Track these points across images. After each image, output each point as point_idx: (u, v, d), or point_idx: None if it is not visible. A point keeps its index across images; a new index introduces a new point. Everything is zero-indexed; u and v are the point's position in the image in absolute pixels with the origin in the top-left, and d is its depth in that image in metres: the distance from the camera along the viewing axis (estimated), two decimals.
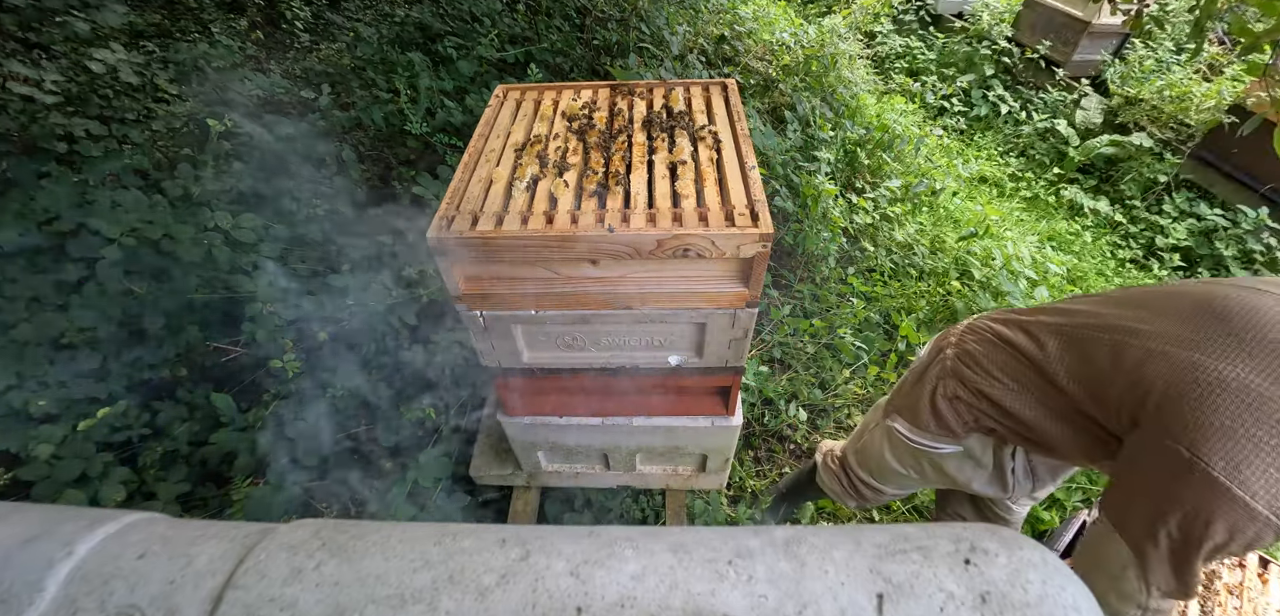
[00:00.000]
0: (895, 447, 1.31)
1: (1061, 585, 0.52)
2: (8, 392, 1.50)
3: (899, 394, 1.33)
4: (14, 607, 0.51)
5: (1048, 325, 1.03)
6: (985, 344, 1.13)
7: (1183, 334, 0.81)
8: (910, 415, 1.24)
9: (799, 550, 0.57)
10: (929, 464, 1.26)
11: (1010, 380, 1.06)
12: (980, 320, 1.19)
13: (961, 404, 1.15)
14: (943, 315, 2.71)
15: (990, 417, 1.12)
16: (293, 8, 2.90)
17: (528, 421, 1.50)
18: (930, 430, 1.20)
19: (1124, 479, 0.89)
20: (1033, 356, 1.02)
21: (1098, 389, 0.91)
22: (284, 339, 1.83)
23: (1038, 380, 1.02)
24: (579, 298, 1.14)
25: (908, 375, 1.33)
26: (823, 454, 1.69)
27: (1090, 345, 0.93)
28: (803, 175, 2.91)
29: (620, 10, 3.40)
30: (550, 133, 1.30)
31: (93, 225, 1.64)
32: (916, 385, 1.25)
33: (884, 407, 1.38)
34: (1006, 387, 1.06)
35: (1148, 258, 3.71)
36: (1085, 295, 1.10)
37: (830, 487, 1.65)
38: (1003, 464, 1.19)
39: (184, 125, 2.19)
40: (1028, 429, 1.06)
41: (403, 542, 0.59)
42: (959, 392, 1.15)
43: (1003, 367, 1.07)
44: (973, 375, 1.12)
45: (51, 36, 2.08)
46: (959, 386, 1.15)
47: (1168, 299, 0.88)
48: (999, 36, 5.23)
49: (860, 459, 1.48)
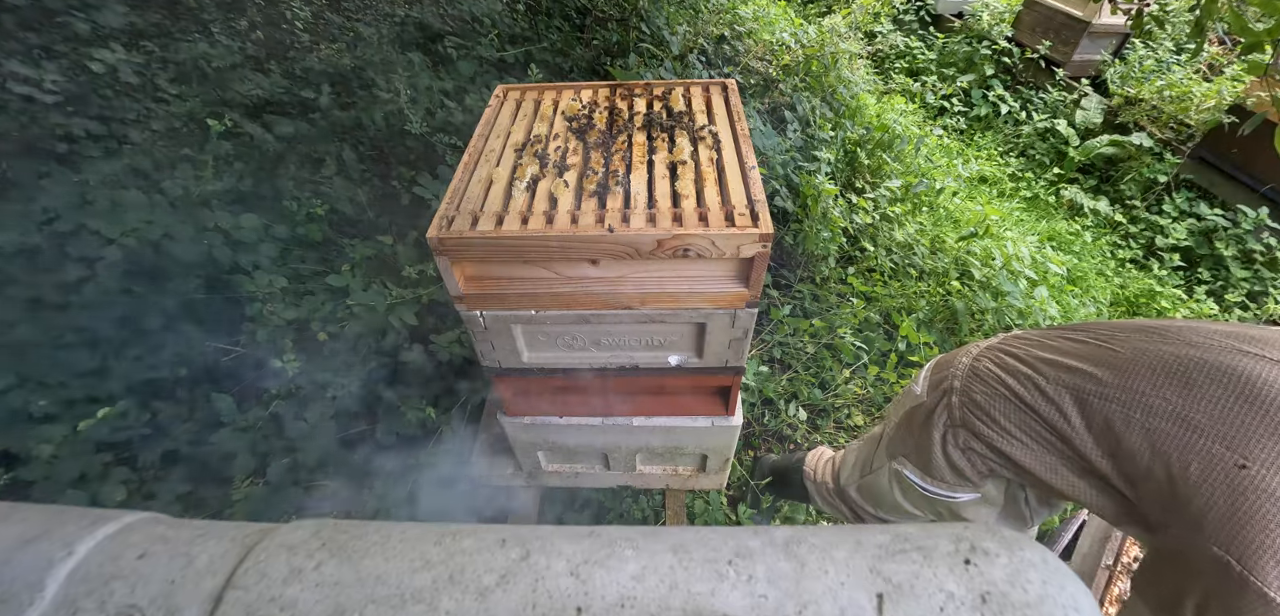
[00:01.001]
0: (907, 492, 1.26)
1: (1061, 585, 0.52)
2: (8, 393, 1.50)
3: (901, 435, 1.27)
4: (14, 607, 0.51)
5: (1064, 384, 0.96)
6: (997, 398, 1.05)
7: (1225, 431, 0.76)
8: (922, 464, 1.19)
9: (799, 550, 0.57)
10: (945, 509, 1.21)
11: (1029, 440, 1.01)
12: (983, 363, 1.12)
13: (975, 456, 1.10)
14: (943, 315, 2.71)
15: (1007, 471, 1.08)
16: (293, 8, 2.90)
17: (528, 421, 1.50)
18: (946, 480, 1.16)
19: (1166, 571, 0.85)
20: (1054, 423, 0.96)
21: (1131, 470, 0.86)
22: (284, 339, 1.83)
23: (1060, 445, 0.97)
24: (579, 297, 1.14)
25: (907, 414, 1.27)
26: (815, 480, 1.63)
27: (1116, 422, 0.87)
28: (803, 175, 2.91)
29: (620, 10, 3.40)
30: (550, 133, 1.30)
31: (93, 225, 1.64)
32: (924, 430, 1.19)
33: (886, 448, 1.32)
34: (1025, 448, 1.01)
35: (1148, 258, 3.71)
36: (1084, 331, 1.04)
37: (826, 512, 1.62)
38: (1017, 501, 1.15)
39: (184, 125, 2.18)
40: (1049, 487, 1.02)
41: (403, 542, 0.59)
42: (972, 444, 1.09)
43: (1020, 427, 1.02)
44: (986, 430, 1.06)
45: (51, 36, 2.08)
46: (971, 438, 1.09)
47: (1199, 371, 0.81)
48: (999, 36, 5.23)
49: (867, 496, 1.42)
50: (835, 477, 1.56)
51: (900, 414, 1.31)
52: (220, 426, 1.68)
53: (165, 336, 1.79)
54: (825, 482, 1.59)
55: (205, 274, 1.87)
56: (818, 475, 1.64)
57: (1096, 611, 0.53)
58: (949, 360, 1.22)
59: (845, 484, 1.49)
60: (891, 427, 1.33)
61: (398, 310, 1.96)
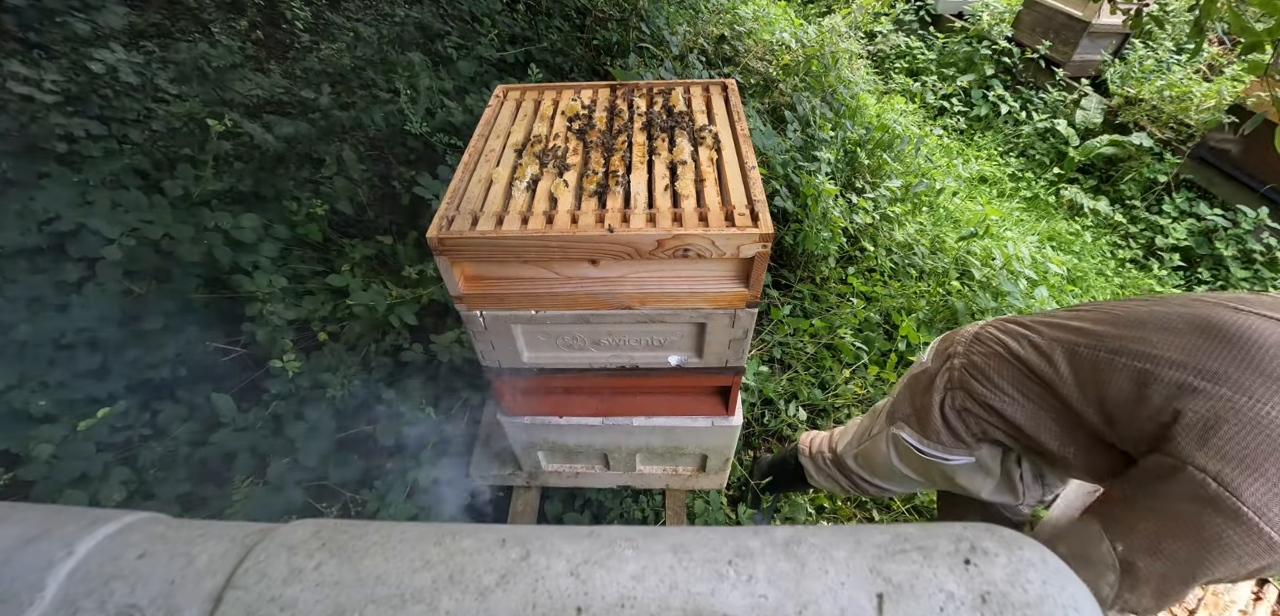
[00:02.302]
0: (903, 455, 1.30)
1: (1061, 585, 0.52)
2: (8, 392, 1.50)
3: (902, 401, 1.31)
4: (14, 607, 0.51)
5: (1058, 341, 1.02)
6: (994, 358, 1.11)
7: (1200, 364, 0.82)
8: (919, 425, 1.23)
9: (799, 550, 0.57)
10: (939, 473, 1.25)
11: (1020, 396, 1.05)
12: (987, 330, 1.17)
13: (971, 416, 1.14)
14: (943, 315, 2.71)
15: (999, 430, 1.11)
16: (293, 8, 2.89)
17: (528, 421, 1.50)
18: (941, 441, 1.19)
19: (1132, 496, 0.89)
20: (1044, 374, 1.01)
21: (1118, 413, 0.90)
22: (284, 339, 1.83)
23: (1049, 398, 1.02)
24: (579, 298, 1.14)
25: (910, 381, 1.31)
26: (810, 454, 1.66)
27: (1106, 368, 0.92)
28: (803, 175, 2.90)
29: (620, 10, 3.40)
30: (550, 133, 1.30)
31: (93, 225, 1.64)
32: (924, 394, 1.23)
33: (886, 414, 1.36)
34: (1017, 404, 1.06)
35: (1148, 258, 3.71)
36: (1089, 305, 1.10)
37: (825, 486, 1.65)
38: (1011, 472, 1.18)
39: (184, 125, 2.18)
40: (1036, 443, 1.06)
41: (403, 542, 0.59)
42: (968, 405, 1.13)
43: (1013, 383, 1.06)
44: (981, 389, 1.11)
45: (52, 36, 2.08)
46: (967, 399, 1.14)
47: (1187, 323, 0.87)
48: (999, 36, 5.23)
49: (862, 462, 1.46)
50: (832, 449, 1.59)
51: (904, 383, 1.35)
52: (220, 426, 1.68)
53: (165, 336, 1.79)
54: (821, 453, 1.62)
55: (205, 274, 1.87)
56: (814, 449, 1.66)
57: (1097, 611, 0.53)
58: (957, 332, 1.28)
59: (843, 453, 1.52)
60: (894, 396, 1.37)
61: (398, 310, 1.96)
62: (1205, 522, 0.77)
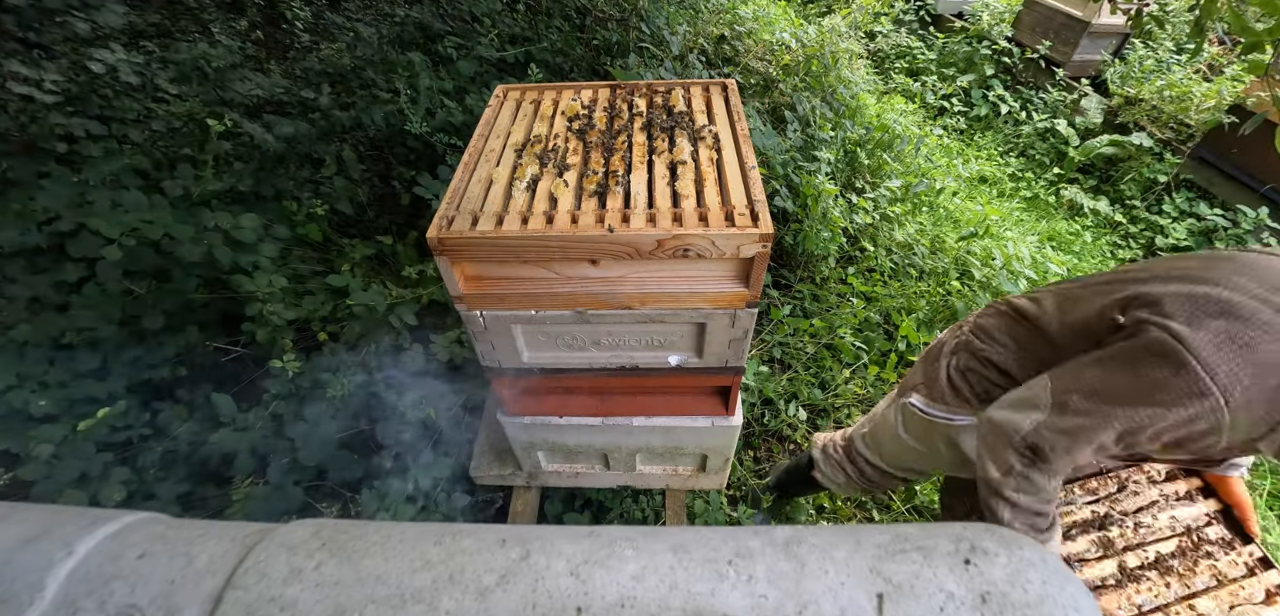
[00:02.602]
0: (909, 421, 1.34)
1: (1061, 585, 0.52)
2: (8, 392, 1.50)
3: (915, 373, 1.37)
4: (14, 607, 0.51)
5: (1053, 291, 1.12)
6: (996, 314, 1.20)
7: (1189, 269, 0.88)
8: (928, 389, 1.29)
9: (799, 550, 0.57)
10: (942, 439, 1.28)
11: (1011, 341, 1.13)
12: (999, 301, 1.25)
13: (974, 374, 1.20)
14: (943, 315, 2.71)
15: (992, 382, 1.16)
16: (293, 8, 2.90)
17: (528, 421, 1.50)
18: (946, 401, 1.24)
19: (1087, 359, 0.94)
20: (1029, 313, 1.10)
21: (1087, 322, 0.97)
22: (284, 339, 1.83)
23: (1032, 337, 1.09)
24: (579, 298, 1.14)
25: (925, 353, 1.39)
26: (821, 446, 1.69)
27: (1090, 297, 1.00)
28: (803, 175, 2.90)
29: (620, 10, 3.40)
30: (550, 133, 1.30)
31: (93, 225, 1.64)
32: (934, 362, 1.30)
33: (898, 389, 1.42)
34: (1008, 350, 1.13)
35: (1148, 257, 3.71)
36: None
37: (832, 479, 1.65)
38: None
39: (184, 125, 2.18)
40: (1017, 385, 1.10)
41: (403, 542, 0.59)
42: (970, 364, 1.20)
43: (1006, 331, 1.15)
44: (981, 345, 1.18)
45: (52, 36, 2.08)
46: (970, 358, 1.20)
47: (1162, 264, 0.96)
48: (999, 36, 5.23)
49: (869, 441, 1.51)
50: (846, 437, 1.63)
51: (918, 361, 1.41)
52: (220, 426, 1.68)
53: (165, 336, 1.79)
54: (835, 442, 1.66)
55: (205, 274, 1.87)
56: (826, 442, 1.70)
57: (1097, 611, 0.53)
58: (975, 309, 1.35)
59: (852, 435, 1.58)
60: (907, 376, 1.43)
61: (398, 310, 1.96)
62: (1148, 365, 0.83)
